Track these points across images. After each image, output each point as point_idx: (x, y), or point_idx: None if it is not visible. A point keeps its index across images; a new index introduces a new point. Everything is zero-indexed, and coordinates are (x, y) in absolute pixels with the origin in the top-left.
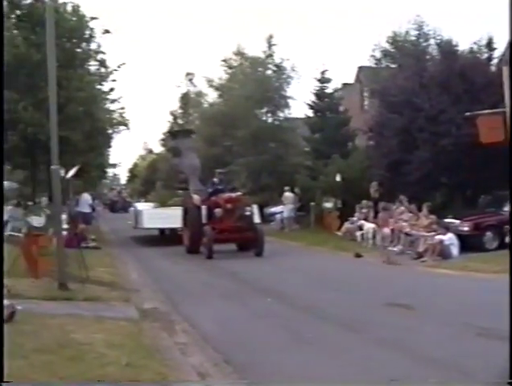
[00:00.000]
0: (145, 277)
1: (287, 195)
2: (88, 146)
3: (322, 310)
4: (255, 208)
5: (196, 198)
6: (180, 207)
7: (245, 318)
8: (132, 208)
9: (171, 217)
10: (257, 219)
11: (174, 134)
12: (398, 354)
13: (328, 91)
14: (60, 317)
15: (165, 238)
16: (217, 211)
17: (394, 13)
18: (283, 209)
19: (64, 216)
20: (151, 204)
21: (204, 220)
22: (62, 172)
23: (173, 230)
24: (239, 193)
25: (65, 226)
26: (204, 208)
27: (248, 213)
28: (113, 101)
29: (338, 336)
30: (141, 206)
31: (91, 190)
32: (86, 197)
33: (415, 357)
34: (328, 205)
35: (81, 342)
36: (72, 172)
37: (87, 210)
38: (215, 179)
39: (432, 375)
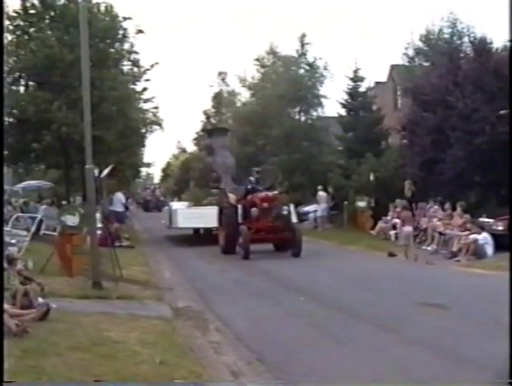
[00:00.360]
0: (178, 276)
1: (321, 194)
2: (121, 146)
3: (355, 309)
4: (292, 207)
5: (232, 197)
6: (215, 207)
7: (279, 317)
8: (166, 207)
9: (205, 217)
10: (294, 218)
11: (209, 132)
12: (432, 354)
13: (361, 89)
14: (94, 315)
15: (199, 238)
16: (254, 210)
17: (427, 10)
18: (317, 208)
19: (97, 215)
20: (186, 203)
21: (240, 220)
22: (96, 171)
23: (207, 230)
24: (276, 192)
25: (99, 225)
26: (240, 207)
27: (285, 212)
28: (146, 101)
29: (371, 336)
30: (175, 205)
31: (124, 190)
32: (120, 196)
33: (450, 357)
34: (362, 204)
35: (115, 341)
36: (105, 171)
37: (120, 209)
38: (251, 178)
39: (467, 376)
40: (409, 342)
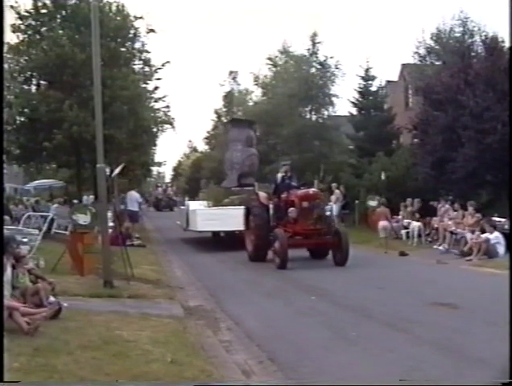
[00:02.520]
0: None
1: (337, 192)
2: (132, 145)
3: (366, 308)
4: (334, 207)
5: (263, 195)
6: (240, 207)
7: (290, 316)
8: (182, 207)
9: (229, 218)
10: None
11: (235, 123)
12: (443, 354)
13: (373, 88)
14: (105, 314)
15: (219, 241)
16: (292, 210)
17: (438, 9)
18: (331, 207)
19: (109, 214)
20: (204, 203)
21: (272, 222)
22: (107, 170)
23: (229, 233)
24: (315, 189)
25: (110, 224)
26: (272, 208)
27: (328, 213)
28: (157, 100)
29: (382, 335)
30: (193, 205)
31: (135, 189)
32: (134, 195)
33: (461, 357)
34: (373, 203)
35: (126, 339)
36: (116, 170)
37: (135, 208)
38: (280, 174)
39: (478, 376)
40: (420, 342)
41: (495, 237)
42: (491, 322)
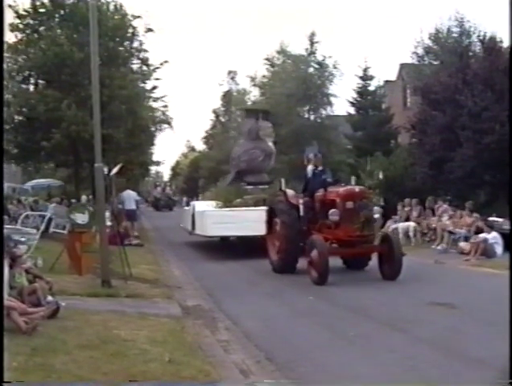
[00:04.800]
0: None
1: None
2: (130, 144)
3: (364, 308)
4: (378, 210)
5: (292, 194)
6: (256, 208)
7: (288, 316)
8: (186, 208)
9: (244, 221)
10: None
11: (245, 113)
12: (441, 353)
13: (371, 88)
14: (103, 313)
15: (229, 246)
16: (333, 212)
17: (436, 9)
18: None
19: (107, 214)
20: (213, 203)
21: (303, 226)
22: (105, 170)
23: (241, 237)
24: (360, 186)
25: (108, 223)
26: (302, 209)
27: (377, 216)
28: (156, 99)
29: (381, 335)
30: (200, 206)
31: (133, 188)
32: (131, 193)
33: (459, 357)
34: None
35: (124, 339)
36: (115, 170)
37: (133, 206)
38: (310, 166)
39: (476, 376)
40: (419, 342)
41: (493, 237)
42: (489, 321)
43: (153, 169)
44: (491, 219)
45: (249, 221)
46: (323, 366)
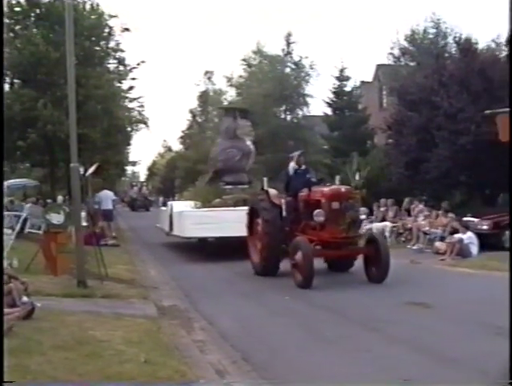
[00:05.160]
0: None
1: None
2: (107, 144)
3: (340, 308)
4: (364, 211)
5: (275, 193)
6: (236, 209)
7: (264, 316)
8: (163, 208)
9: (224, 222)
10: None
11: (223, 112)
12: (416, 353)
13: (347, 89)
14: (79, 314)
15: (207, 248)
16: (318, 213)
17: (413, 10)
18: None
19: (82, 214)
20: (191, 203)
21: (286, 226)
22: (81, 170)
23: (220, 238)
24: (346, 186)
25: (84, 224)
26: (285, 209)
27: (363, 216)
28: (132, 100)
29: (356, 335)
30: (178, 206)
31: (109, 188)
32: (109, 193)
33: (434, 356)
34: None
35: (100, 340)
36: (90, 170)
37: (110, 206)
38: (292, 164)
39: (450, 375)
40: (394, 342)
41: (468, 237)
42: (464, 321)
43: (129, 169)
44: (466, 219)
45: (229, 222)
46: (298, 366)
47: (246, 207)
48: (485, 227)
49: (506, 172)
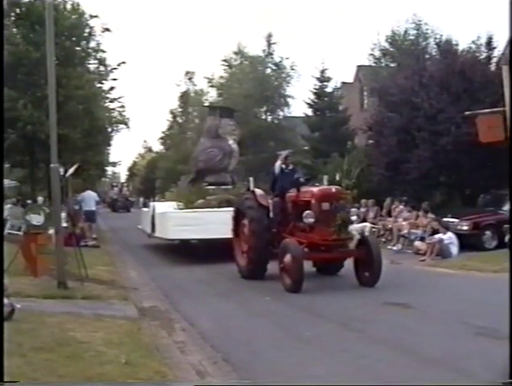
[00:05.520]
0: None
1: None
2: (87, 144)
3: (320, 309)
4: (355, 212)
5: (261, 194)
6: (220, 210)
7: (244, 317)
8: (144, 209)
9: (208, 223)
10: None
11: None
12: (395, 353)
13: (328, 90)
14: (59, 315)
15: (189, 249)
16: (308, 214)
17: (394, 11)
18: None
19: (62, 215)
20: (173, 204)
21: (274, 228)
22: (61, 170)
23: (203, 240)
24: (337, 186)
25: (64, 224)
26: (272, 210)
27: (354, 218)
28: (112, 100)
29: (336, 335)
30: (161, 207)
31: (90, 189)
32: (92, 194)
33: (413, 356)
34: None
35: (80, 341)
36: (71, 170)
37: (93, 207)
38: (279, 162)
39: (430, 375)
40: (373, 342)
41: (448, 238)
42: (443, 321)
43: (110, 170)
44: (446, 219)
45: (214, 223)
46: (278, 366)
47: (231, 208)
48: (464, 227)
49: (486, 173)
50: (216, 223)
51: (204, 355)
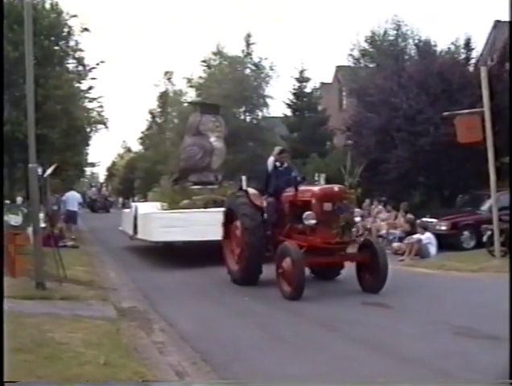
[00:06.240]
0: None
1: None
2: (65, 145)
3: (299, 308)
4: (359, 212)
5: (255, 193)
6: (206, 210)
7: (224, 317)
8: (126, 210)
9: (194, 225)
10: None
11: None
12: (374, 353)
13: (307, 90)
14: (37, 316)
15: (172, 250)
16: (308, 215)
17: (373, 12)
18: None
19: (41, 215)
20: (157, 205)
21: (268, 230)
22: (39, 170)
23: (188, 242)
24: (340, 185)
25: (42, 225)
26: (267, 210)
27: (358, 219)
28: (91, 100)
29: (315, 335)
30: (144, 207)
31: (72, 189)
32: (76, 195)
33: (392, 356)
34: None
35: (59, 342)
36: (49, 170)
37: (75, 208)
38: (272, 158)
39: (408, 375)
40: (352, 341)
41: (427, 238)
42: (422, 321)
43: (88, 170)
44: (425, 219)
45: (200, 224)
46: (258, 366)
47: (218, 209)
48: (443, 227)
49: (465, 173)
50: (202, 225)
51: (184, 356)
